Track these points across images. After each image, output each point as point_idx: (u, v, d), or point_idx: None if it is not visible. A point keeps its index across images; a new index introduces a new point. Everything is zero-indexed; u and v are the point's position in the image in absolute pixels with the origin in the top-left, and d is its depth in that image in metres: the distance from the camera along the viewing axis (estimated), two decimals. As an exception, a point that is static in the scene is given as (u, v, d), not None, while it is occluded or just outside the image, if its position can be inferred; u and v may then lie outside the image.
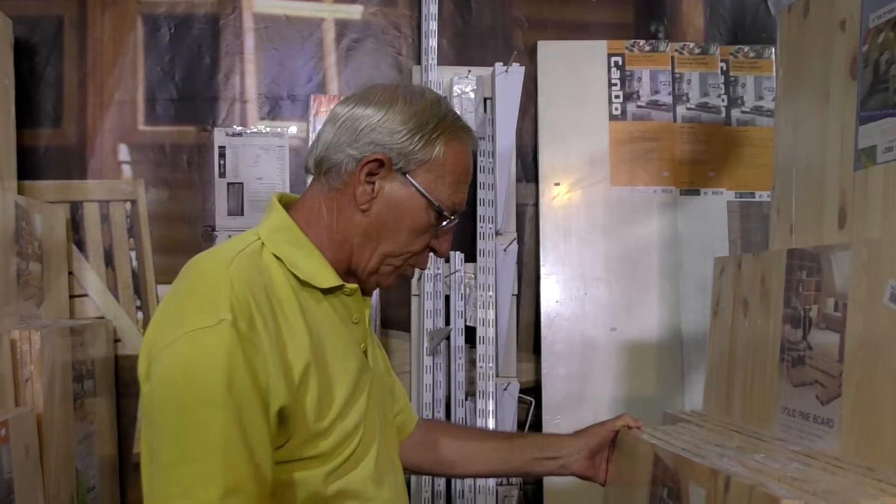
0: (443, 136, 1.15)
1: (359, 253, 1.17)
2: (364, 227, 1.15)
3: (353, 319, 1.20)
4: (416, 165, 1.14)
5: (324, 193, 1.17)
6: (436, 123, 1.16)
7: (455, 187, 1.17)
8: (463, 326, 2.33)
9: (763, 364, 1.41)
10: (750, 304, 1.48)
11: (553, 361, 2.38)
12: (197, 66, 2.37)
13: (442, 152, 1.15)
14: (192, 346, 0.98)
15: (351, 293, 1.18)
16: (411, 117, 1.15)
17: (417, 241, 1.17)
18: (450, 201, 1.16)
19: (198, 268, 1.08)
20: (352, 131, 1.15)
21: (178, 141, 2.36)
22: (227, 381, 0.97)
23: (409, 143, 1.14)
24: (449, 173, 1.16)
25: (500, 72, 2.33)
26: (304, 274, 1.12)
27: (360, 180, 1.14)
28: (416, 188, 1.14)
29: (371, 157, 1.13)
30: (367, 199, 1.14)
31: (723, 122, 2.49)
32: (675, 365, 2.39)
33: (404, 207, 1.14)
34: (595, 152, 2.44)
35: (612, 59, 2.48)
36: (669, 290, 2.41)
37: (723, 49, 2.52)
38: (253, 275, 1.06)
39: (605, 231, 2.42)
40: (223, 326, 0.98)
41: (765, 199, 2.46)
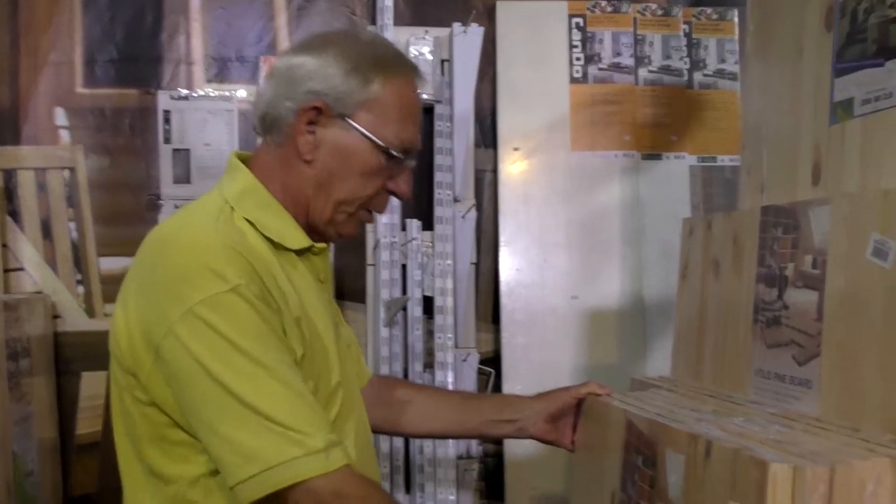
0: (381, 73, 1.12)
1: (314, 205, 1.14)
2: (313, 178, 1.13)
3: (321, 278, 1.20)
4: (356, 107, 1.11)
5: (272, 151, 1.16)
6: (372, 61, 1.13)
7: (401, 125, 1.14)
8: (420, 296, 2.26)
9: (735, 326, 1.36)
10: (721, 265, 1.43)
11: (513, 331, 2.32)
12: (139, 25, 2.24)
13: (381, 90, 1.12)
14: (212, 310, 0.97)
15: (318, 252, 1.18)
16: (346, 59, 1.12)
17: (369, 185, 1.15)
18: (397, 140, 1.13)
19: (179, 239, 1.06)
20: (288, 82, 1.13)
21: (119, 104, 2.24)
22: (256, 335, 0.99)
23: (345, 84, 1.11)
24: (392, 110, 1.12)
25: (459, 32, 2.25)
26: (276, 236, 1.11)
27: (300, 131, 1.12)
28: (358, 130, 1.12)
29: (307, 105, 1.11)
30: (310, 150, 1.12)
31: (685, 86, 2.44)
32: (638, 332, 2.35)
33: (349, 152, 1.12)
34: (555, 116, 2.37)
35: (574, 20, 2.41)
36: (631, 256, 2.37)
37: (685, 11, 2.46)
38: (240, 240, 1.06)
39: (566, 197, 2.36)
40: (240, 290, 0.99)
41: (727, 163, 2.43)
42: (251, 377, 0.96)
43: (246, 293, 0.99)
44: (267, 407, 0.96)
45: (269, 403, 0.96)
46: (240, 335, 0.97)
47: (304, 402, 1.00)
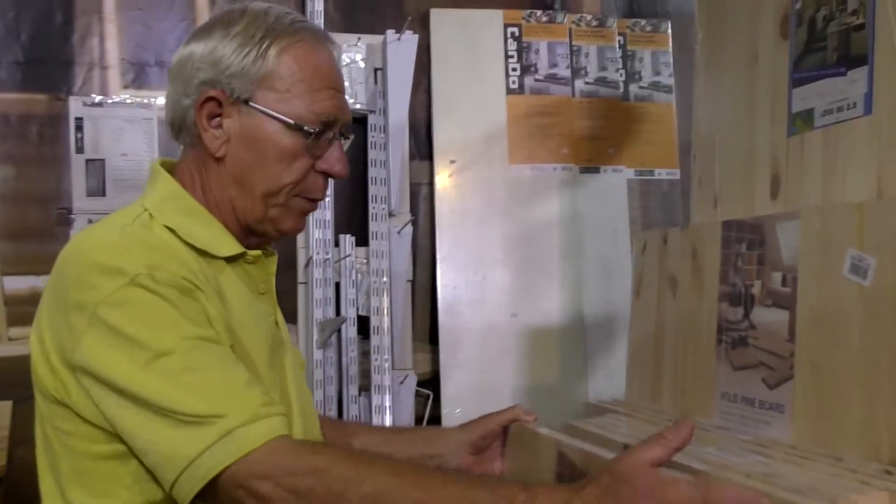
0: (275, 43, 1.01)
1: (240, 204, 1.03)
2: (230, 175, 1.03)
3: (260, 290, 1.08)
4: (254, 87, 1.00)
5: (187, 154, 1.06)
6: (263, 33, 1.01)
7: (311, 95, 1.01)
8: (355, 316, 2.15)
9: (697, 346, 1.30)
10: (679, 283, 1.38)
11: (452, 351, 2.23)
12: (48, 25, 2.07)
13: (278, 61, 1.00)
14: (112, 309, 0.89)
15: (253, 260, 1.06)
16: (234, 37, 1.01)
17: (293, 170, 1.02)
18: (310, 113, 1.01)
19: (79, 250, 0.96)
20: (182, 78, 1.03)
21: (26, 111, 2.06)
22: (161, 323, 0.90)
23: (239, 65, 1.00)
24: (297, 83, 1.01)
25: (392, 40, 2.16)
26: (201, 243, 1.00)
27: (204, 127, 1.01)
28: (263, 112, 1.00)
29: (203, 97, 1.00)
30: (219, 145, 1.02)
31: (621, 98, 2.41)
32: (578, 350, 2.29)
33: (260, 138, 1.01)
34: (492, 128, 2.30)
35: (509, 29, 2.34)
36: (570, 271, 2.31)
37: (620, 22, 2.43)
38: (152, 239, 0.97)
39: (504, 211, 2.29)
40: (139, 280, 0.90)
41: (664, 177, 2.40)
42: (157, 372, 0.88)
43: (147, 282, 0.89)
44: (176, 399, 0.87)
45: (178, 395, 0.87)
46: (141, 328, 0.89)
47: (220, 381, 0.90)
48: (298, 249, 2.15)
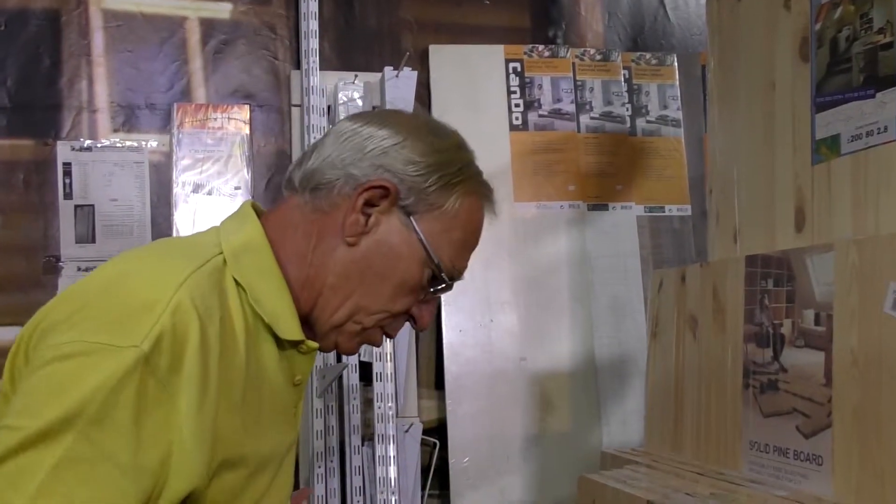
0: (463, 185, 0.95)
1: (328, 297, 0.94)
2: (345, 264, 0.93)
3: (296, 381, 0.97)
4: (426, 209, 0.93)
5: (305, 214, 0.95)
6: (459, 168, 0.95)
7: (462, 249, 0.96)
8: (357, 362, 2.05)
9: (721, 391, 1.21)
10: (700, 322, 1.28)
11: (458, 397, 2.13)
12: (34, 69, 2.01)
13: (458, 203, 0.94)
14: (78, 363, 0.74)
15: (307, 352, 0.95)
16: (434, 152, 0.94)
17: (400, 300, 0.95)
18: (451, 263, 0.95)
19: (143, 266, 0.85)
20: (358, 149, 0.94)
21: (12, 157, 1.99)
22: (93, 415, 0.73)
23: (425, 179, 0.92)
24: (459, 230, 0.95)
25: (391, 76, 2.09)
26: (267, 315, 0.90)
27: (355, 206, 0.92)
28: (419, 235, 0.93)
29: (377, 181, 0.92)
30: (357, 232, 0.92)
31: (628, 132, 2.34)
32: (591, 395, 2.19)
33: (398, 253, 0.93)
34: (496, 165, 2.23)
35: (511, 64, 2.28)
36: (581, 313, 2.22)
37: (624, 56, 2.37)
38: (209, 302, 0.83)
39: (511, 251, 2.21)
40: (128, 354, 0.75)
41: (675, 213, 2.32)
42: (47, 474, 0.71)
43: (134, 361, 0.75)
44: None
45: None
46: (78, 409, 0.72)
47: None
48: (296, 295, 2.07)
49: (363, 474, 2.03)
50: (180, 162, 2.05)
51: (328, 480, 1.99)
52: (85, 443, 0.73)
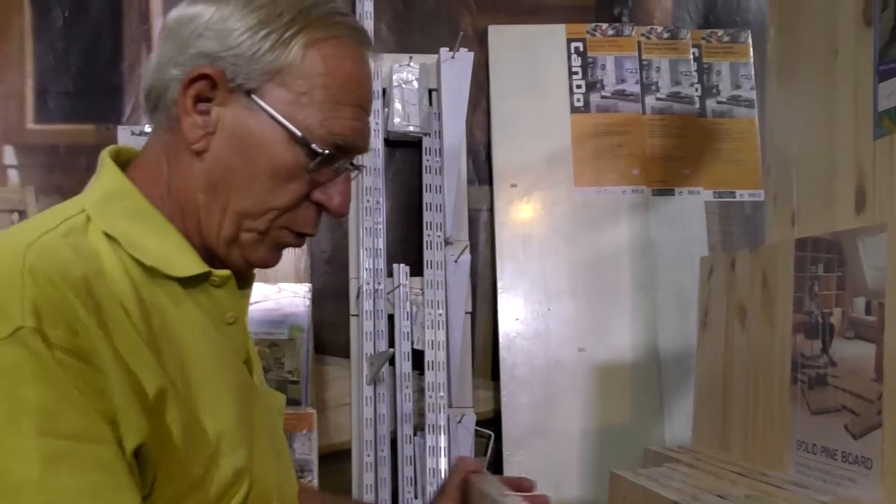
0: (303, 34, 0.81)
1: (206, 215, 0.83)
2: (204, 177, 0.82)
3: (227, 319, 0.86)
4: (264, 78, 0.80)
5: (159, 139, 0.84)
6: (293, 16, 0.81)
7: (333, 108, 0.82)
8: (409, 350, 2.02)
9: (769, 386, 1.12)
10: (748, 311, 1.19)
11: (514, 388, 2.07)
12: (96, 54, 2.05)
13: (302, 56, 0.80)
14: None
15: (221, 283, 0.84)
16: (256, 9, 0.81)
17: (283, 192, 0.83)
18: (323, 129, 0.81)
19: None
20: (177, 43, 0.81)
21: (74, 141, 2.03)
22: (44, 414, 0.66)
23: (250, 45, 0.80)
24: (318, 87, 0.81)
25: (446, 58, 2.04)
26: (150, 258, 0.79)
27: (186, 108, 0.80)
28: (267, 112, 0.80)
29: (194, 72, 0.79)
30: (200, 136, 0.81)
31: (697, 114, 2.22)
32: (653, 388, 2.10)
33: (254, 141, 0.81)
34: (556, 149, 2.15)
35: (572, 44, 2.20)
36: (643, 302, 2.12)
37: (694, 33, 2.26)
38: (67, 261, 0.72)
39: (570, 237, 2.13)
40: (22, 336, 0.66)
41: (746, 198, 2.20)
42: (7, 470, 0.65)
43: (32, 340, 0.66)
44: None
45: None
46: (10, 407, 0.66)
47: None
48: (350, 280, 2.05)
49: (415, 465, 2.00)
50: (237, 146, 2.06)
51: (379, 470, 1.97)
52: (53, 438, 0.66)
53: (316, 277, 2.05)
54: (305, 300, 1.97)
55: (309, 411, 1.88)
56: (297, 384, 1.93)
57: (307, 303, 1.97)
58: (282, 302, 1.95)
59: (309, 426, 1.86)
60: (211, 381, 0.81)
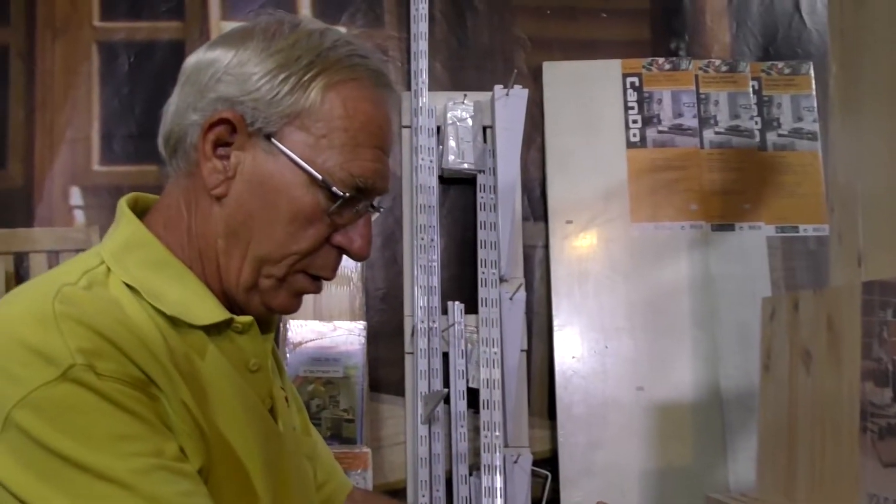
0: (323, 76, 0.81)
1: (226, 262, 0.83)
2: (224, 222, 0.82)
3: (251, 367, 0.85)
4: (284, 122, 0.80)
5: (178, 185, 0.85)
6: (312, 59, 0.81)
7: (353, 149, 0.82)
8: (464, 389, 2.00)
9: (837, 434, 1.08)
10: (814, 356, 1.15)
11: (571, 427, 2.04)
12: (159, 98, 2.05)
13: (321, 98, 0.80)
14: (36, 414, 0.66)
15: (244, 329, 0.84)
16: (273, 53, 0.81)
17: (303, 237, 0.82)
18: (343, 171, 0.81)
19: (5, 312, 0.74)
20: (195, 87, 0.83)
21: (137, 182, 2.07)
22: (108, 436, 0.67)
23: (270, 89, 0.80)
24: (338, 130, 0.81)
25: (501, 95, 2.05)
26: (171, 308, 0.79)
27: (205, 154, 0.81)
28: (287, 155, 0.80)
29: (214, 117, 0.80)
30: (219, 181, 0.81)
31: (757, 147, 2.18)
32: (715, 429, 2.04)
33: (273, 186, 0.80)
34: (612, 185, 2.13)
35: (628, 79, 2.19)
36: (704, 340, 2.08)
37: (753, 66, 2.22)
38: (94, 309, 0.73)
39: (627, 274, 2.10)
40: (75, 374, 0.67)
41: (810, 233, 2.14)
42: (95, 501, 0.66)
43: (85, 376, 0.68)
44: None
45: None
46: (79, 445, 0.66)
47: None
48: (405, 318, 2.05)
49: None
50: (293, 185, 2.08)
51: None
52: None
53: (371, 315, 2.05)
54: (360, 338, 1.97)
55: (364, 450, 1.87)
56: (352, 423, 1.93)
57: (362, 341, 1.97)
58: (336, 340, 1.95)
59: (364, 465, 1.86)
60: (238, 429, 0.81)
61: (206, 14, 2.12)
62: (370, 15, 2.17)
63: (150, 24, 2.11)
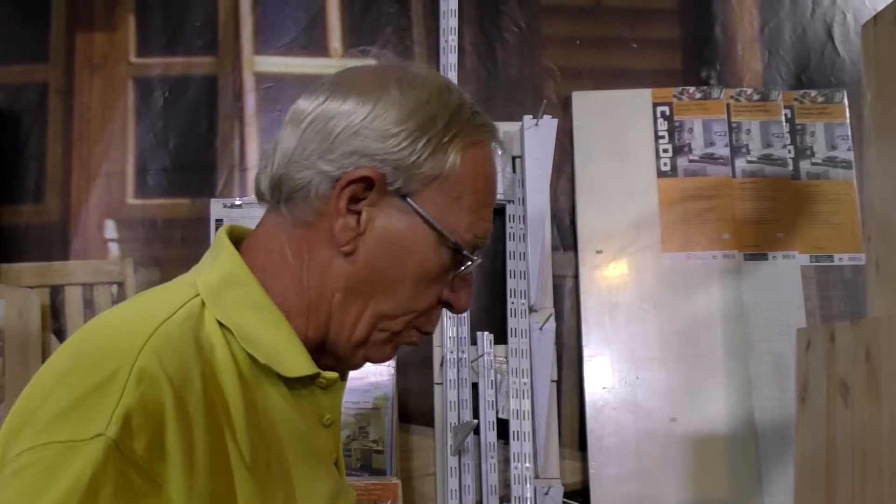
0: (458, 139, 0.80)
1: (340, 316, 0.81)
2: (348, 277, 0.80)
3: (325, 421, 0.85)
4: (423, 183, 0.79)
5: (287, 230, 0.81)
6: (448, 120, 0.80)
7: (478, 211, 0.82)
8: (494, 419, 1.99)
9: (877, 469, 1.05)
10: (851, 388, 1.13)
11: (602, 459, 2.02)
12: (192, 132, 2.14)
13: (458, 162, 0.79)
14: (39, 473, 0.63)
15: (327, 385, 0.83)
16: (412, 112, 0.79)
17: (426, 295, 0.82)
18: (470, 233, 0.81)
19: (97, 336, 0.73)
20: (324, 136, 0.78)
21: (171, 215, 2.11)
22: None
23: (411, 151, 0.78)
24: (468, 192, 0.80)
25: (530, 125, 2.05)
26: (264, 355, 0.78)
27: (339, 209, 0.78)
28: (423, 217, 0.79)
29: (355, 174, 0.77)
30: (351, 237, 0.79)
31: (790, 176, 2.16)
32: (750, 461, 2.01)
33: (406, 245, 0.79)
34: (642, 214, 2.12)
35: (659, 108, 2.18)
36: (738, 371, 2.05)
37: (786, 94, 2.21)
38: (181, 360, 0.71)
39: (658, 304, 2.08)
40: (96, 446, 0.64)
41: (846, 262, 2.11)
42: None
43: (106, 449, 0.64)
44: None
45: None
46: None
47: None
48: (434, 347, 2.04)
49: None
50: (324, 216, 2.10)
51: (464, 542, 1.93)
52: None
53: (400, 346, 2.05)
54: (390, 369, 1.97)
55: (394, 481, 1.86)
56: (382, 453, 1.92)
57: (391, 371, 1.97)
58: (366, 370, 1.93)
59: (394, 497, 1.85)
60: (307, 483, 0.80)
61: (238, 49, 2.16)
62: (400, 46, 2.19)
63: (184, 60, 2.15)
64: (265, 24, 2.17)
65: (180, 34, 2.15)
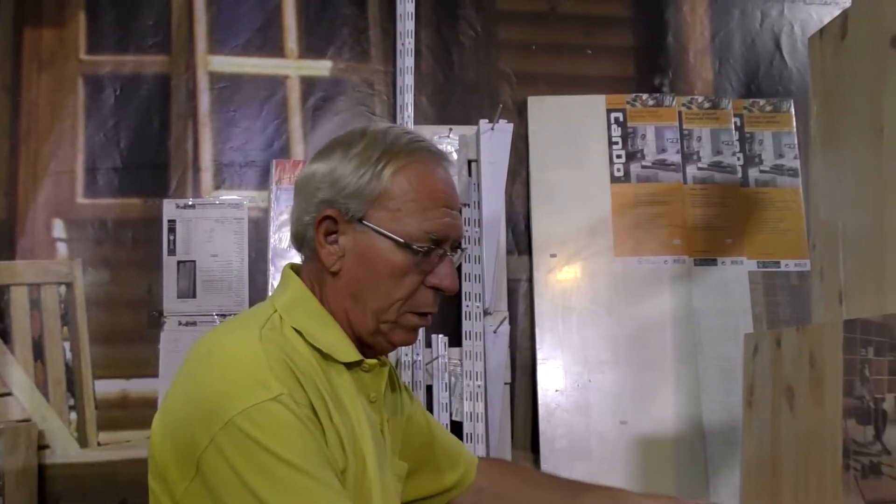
0: (391, 164, 1.06)
1: (354, 317, 1.09)
2: (345, 289, 1.09)
3: (371, 398, 1.12)
4: (368, 206, 1.06)
5: (307, 266, 1.14)
6: (380, 154, 1.07)
7: (423, 214, 1.06)
8: (448, 422, 2.00)
9: (820, 471, 1.08)
10: (796, 393, 1.16)
11: (554, 461, 2.04)
12: (145, 131, 2.10)
13: (392, 183, 1.06)
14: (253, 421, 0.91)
15: (369, 369, 1.11)
16: (352, 158, 1.07)
17: (402, 286, 1.07)
18: (419, 231, 1.06)
19: (223, 350, 1.01)
20: (304, 196, 1.10)
21: (121, 215, 2.08)
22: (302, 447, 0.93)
23: (355, 185, 1.06)
24: (408, 202, 1.06)
25: (486, 129, 2.06)
26: (325, 346, 1.06)
27: (321, 244, 1.08)
28: (375, 230, 1.06)
29: (321, 216, 1.07)
30: (334, 261, 1.08)
31: (739, 183, 2.21)
32: (698, 463, 2.04)
33: (372, 255, 1.07)
34: (596, 219, 2.15)
35: (612, 114, 2.21)
36: (687, 374, 2.08)
37: (736, 103, 2.25)
38: (287, 349, 1.01)
39: (610, 308, 2.11)
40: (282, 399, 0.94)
41: (792, 268, 2.16)
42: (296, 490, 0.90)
43: (289, 402, 0.93)
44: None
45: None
46: (283, 446, 0.91)
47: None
48: (389, 351, 2.04)
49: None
50: (278, 218, 2.08)
51: (417, 544, 1.93)
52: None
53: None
54: (345, 371, 1.96)
55: (347, 485, 1.86)
56: (336, 457, 1.92)
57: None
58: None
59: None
60: (366, 438, 1.05)
61: (192, 48, 2.13)
62: (357, 49, 2.19)
63: (136, 58, 2.11)
64: (220, 24, 2.15)
65: (132, 32, 2.12)
